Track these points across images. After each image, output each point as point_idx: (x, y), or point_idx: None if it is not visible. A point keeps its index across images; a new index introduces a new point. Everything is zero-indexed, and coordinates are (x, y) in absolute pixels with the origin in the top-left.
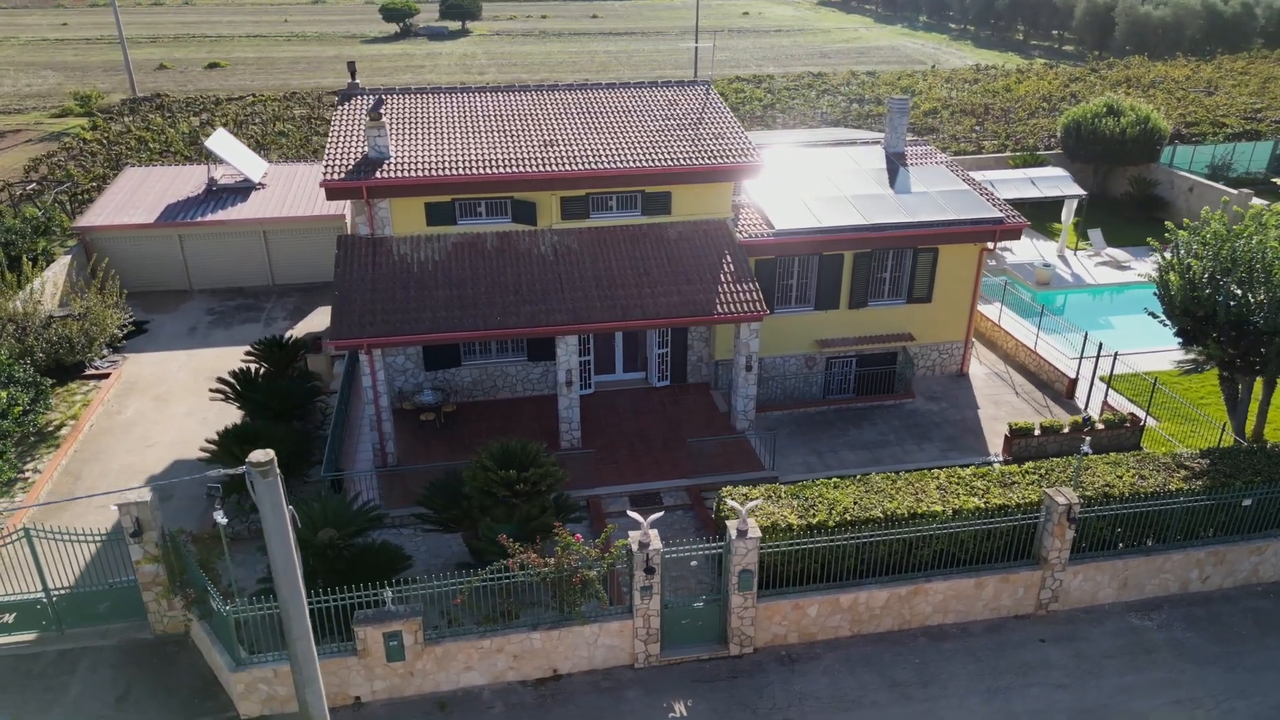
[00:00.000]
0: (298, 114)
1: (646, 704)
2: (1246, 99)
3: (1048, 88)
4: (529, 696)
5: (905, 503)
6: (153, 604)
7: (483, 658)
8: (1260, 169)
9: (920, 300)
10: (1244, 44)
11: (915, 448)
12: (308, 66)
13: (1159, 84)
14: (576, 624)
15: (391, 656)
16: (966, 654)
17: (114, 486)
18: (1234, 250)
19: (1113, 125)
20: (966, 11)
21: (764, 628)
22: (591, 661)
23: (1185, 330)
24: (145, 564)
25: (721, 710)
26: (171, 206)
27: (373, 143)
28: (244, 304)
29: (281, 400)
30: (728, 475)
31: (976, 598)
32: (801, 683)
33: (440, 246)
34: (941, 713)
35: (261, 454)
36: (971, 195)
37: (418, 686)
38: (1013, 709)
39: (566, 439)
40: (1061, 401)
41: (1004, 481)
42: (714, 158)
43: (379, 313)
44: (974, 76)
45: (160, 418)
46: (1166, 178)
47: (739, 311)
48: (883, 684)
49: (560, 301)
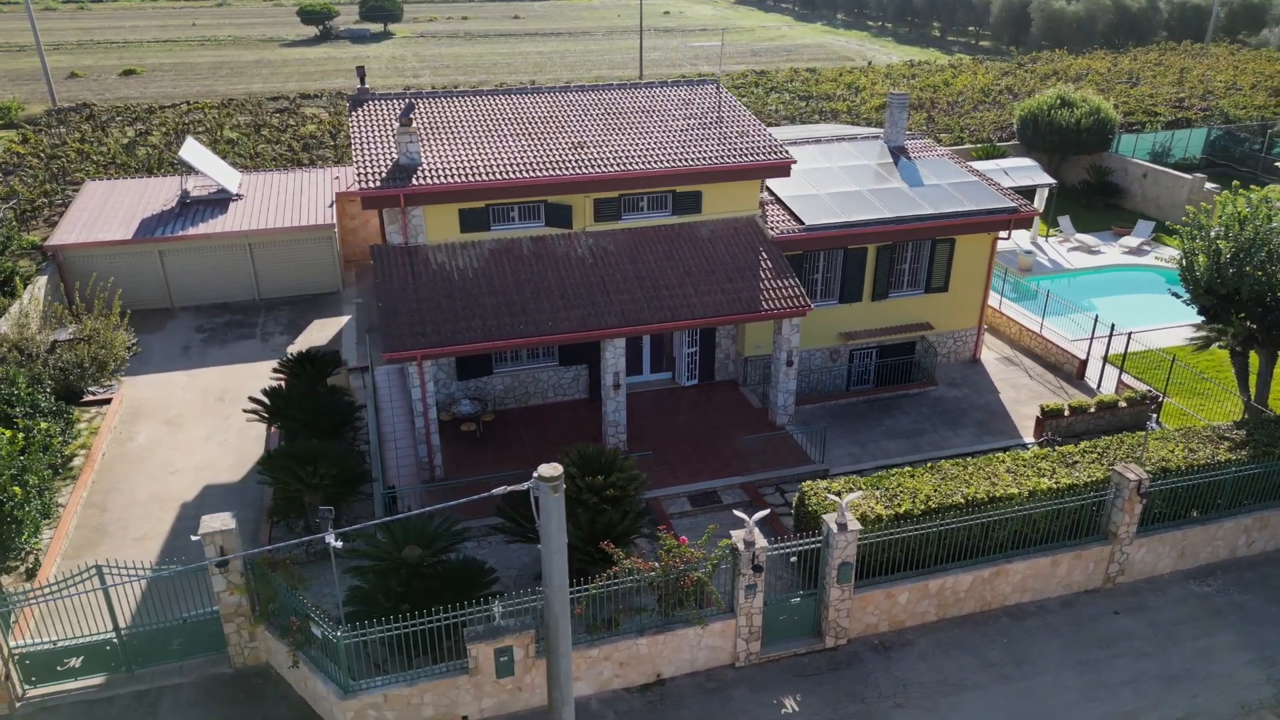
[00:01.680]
0: (241, 121)
1: (755, 701)
2: (1168, 89)
3: (983, 81)
4: (638, 703)
5: (982, 487)
6: (234, 636)
7: (590, 667)
8: (1195, 155)
9: (938, 290)
10: (1150, 36)
11: (950, 434)
12: (231, 72)
13: (1084, 76)
14: (680, 627)
15: (501, 673)
16: (1049, 630)
17: (144, 517)
18: (1256, 232)
19: (1067, 116)
20: (885, 9)
21: (857, 618)
22: (694, 664)
23: (1208, 308)
24: (229, 594)
25: (830, 703)
26: (147, 221)
27: (404, 149)
28: (233, 320)
29: (324, 417)
30: (780, 471)
31: (1051, 575)
32: (900, 669)
33: (477, 253)
34: (1040, 689)
35: (550, 468)
36: (981, 185)
37: (525, 701)
38: (1105, 680)
39: (613, 442)
40: (1073, 382)
41: (1066, 461)
42: (746, 156)
43: (428, 323)
44: (910, 72)
45: (177, 442)
46: (1120, 165)
47: (784, 307)
48: (978, 665)
49: (608, 304)
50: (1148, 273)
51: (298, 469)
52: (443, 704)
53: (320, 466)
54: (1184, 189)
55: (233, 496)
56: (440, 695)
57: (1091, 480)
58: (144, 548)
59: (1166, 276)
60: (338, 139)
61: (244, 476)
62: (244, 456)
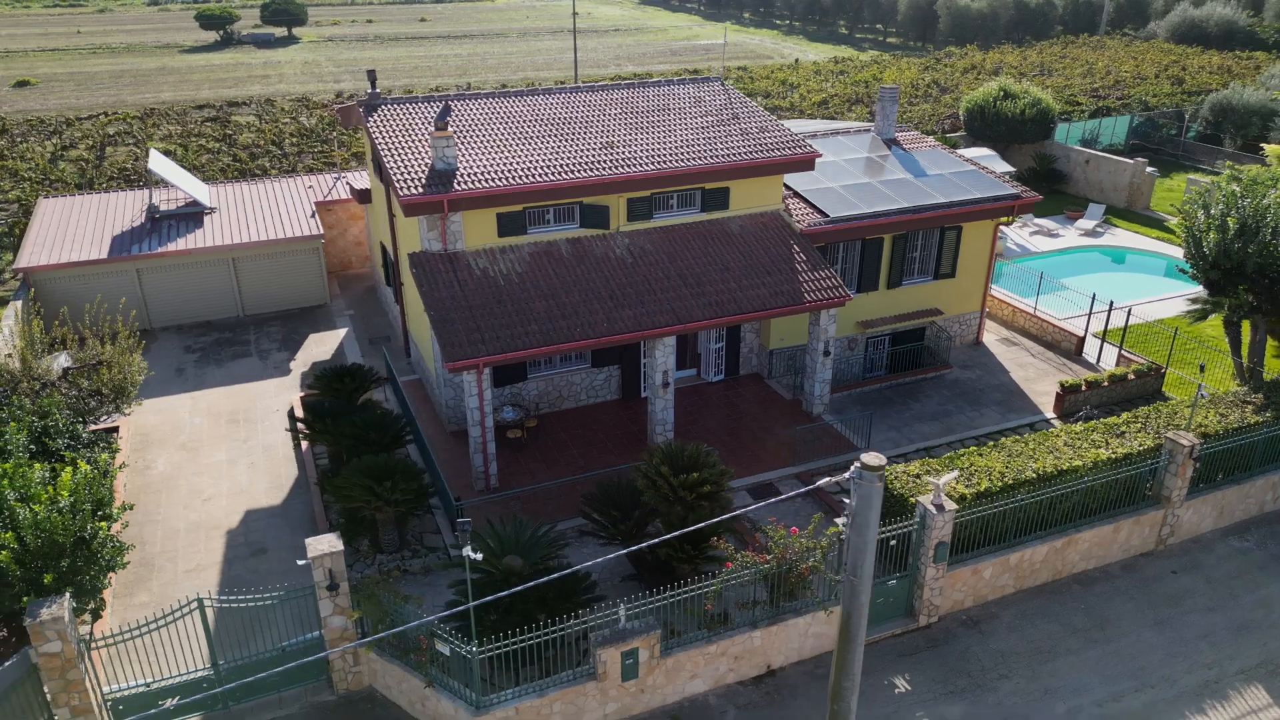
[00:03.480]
0: (172, 131)
1: (867, 684)
2: (1080, 80)
3: (910, 76)
4: (755, 696)
5: (1048, 461)
6: (338, 661)
7: (707, 663)
8: (1120, 141)
9: (946, 276)
10: (1047, 31)
11: (976, 414)
12: (135, 81)
13: (1000, 70)
14: (791, 617)
15: (626, 675)
16: (1119, 594)
17: (189, 547)
18: (1257, 209)
19: (1012, 108)
20: (793, 8)
21: (947, 596)
22: (801, 652)
23: (1213, 282)
24: (336, 617)
25: (939, 679)
26: (119, 239)
27: (441, 154)
28: (222, 338)
29: (377, 431)
30: (829, 459)
31: (1114, 541)
32: (995, 642)
33: (517, 257)
34: (1128, 649)
35: (874, 457)
36: (980, 174)
37: (646, 703)
38: (1183, 636)
39: (662, 440)
40: (1074, 358)
41: (1115, 432)
42: (774, 150)
43: (484, 330)
44: (838, 69)
45: (200, 468)
46: (1063, 153)
47: (824, 298)
48: (1065, 632)
49: (656, 303)
50: (1104, 254)
51: (375, 485)
52: (570, 712)
53: (398, 481)
54: (1126, 173)
55: (279, 520)
56: (568, 704)
57: (1144, 449)
58: (200, 579)
59: (1112, 255)
60: (283, 146)
61: (285, 498)
62: (278, 478)
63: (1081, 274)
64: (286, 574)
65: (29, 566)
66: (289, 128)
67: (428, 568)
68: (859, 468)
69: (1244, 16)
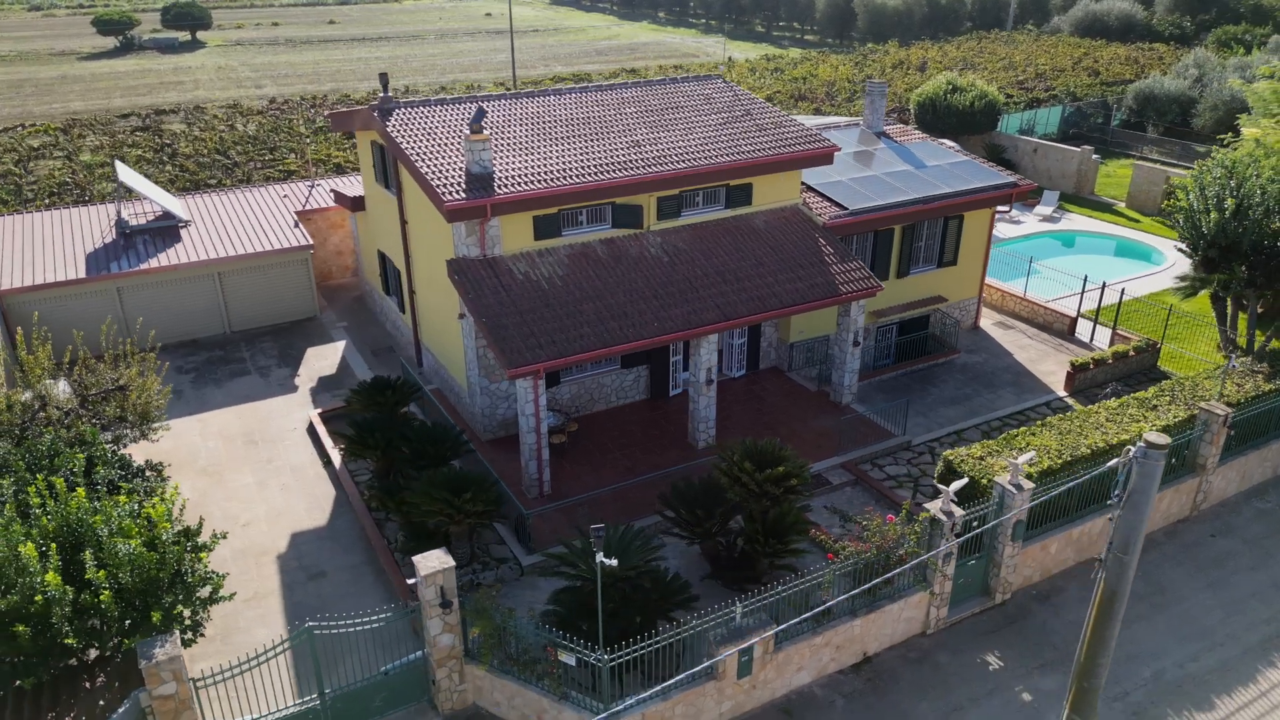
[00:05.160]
0: (100, 141)
1: (960, 663)
2: (1004, 74)
3: (844, 73)
4: (858, 683)
5: (1094, 437)
6: (445, 680)
7: (812, 655)
8: (1054, 130)
9: (949, 264)
10: (958, 27)
11: (994, 396)
12: (37, 90)
13: (925, 65)
14: (886, 603)
15: (741, 673)
16: (1167, 560)
17: (242, 574)
18: (1254, 188)
19: (961, 100)
20: (709, 6)
21: (1019, 573)
22: (892, 637)
23: (1210, 259)
24: (445, 635)
25: (1027, 653)
26: (93, 257)
27: (477, 157)
28: (214, 357)
29: (434, 444)
30: (870, 447)
31: (1158, 510)
32: (1068, 614)
33: (556, 260)
34: (1190, 612)
35: (1159, 436)
36: (975, 164)
37: (758, 699)
38: (1235, 596)
39: (704, 438)
40: (1068, 339)
41: (1148, 405)
42: (795, 145)
43: (538, 335)
44: (770, 66)
45: (229, 493)
46: (1010, 143)
47: (857, 289)
48: (1130, 599)
49: (701, 301)
50: (1062, 237)
51: (454, 497)
52: (690, 713)
53: (477, 492)
54: (1074, 160)
55: (328, 541)
56: (689, 705)
57: (1178, 420)
58: (262, 608)
59: (1062, 239)
60: (229, 155)
61: (329, 519)
62: (316, 498)
63: (1047, 258)
64: (350, 597)
65: (128, 605)
66: (230, 135)
67: (502, 579)
68: (1143, 445)
69: (1140, 10)
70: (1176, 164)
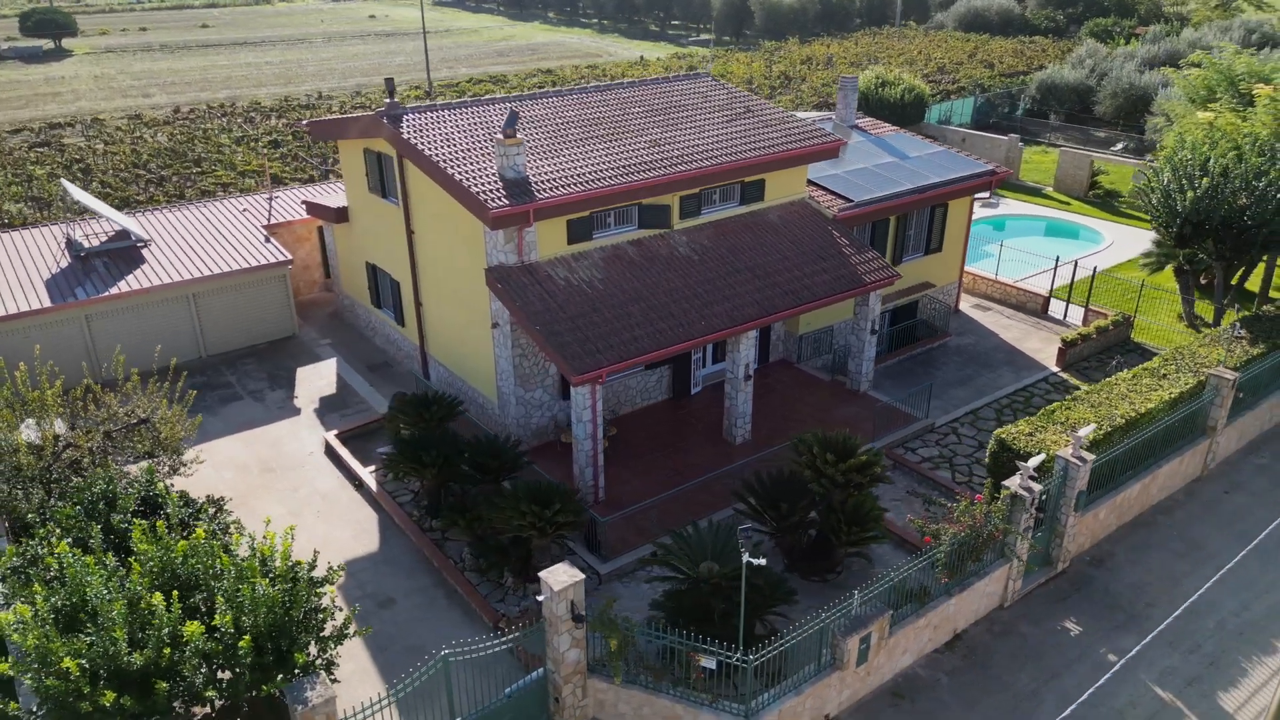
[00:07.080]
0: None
1: (1043, 631)
2: (907, 68)
3: (757, 69)
4: (956, 660)
5: (1122, 408)
6: (570, 697)
7: (915, 636)
8: (968, 120)
9: (935, 251)
10: (849, 23)
11: (994, 375)
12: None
13: (832, 60)
14: (975, 580)
15: (860, 660)
16: (1193, 518)
17: None
18: (1225, 165)
19: (892, 93)
20: (601, 6)
21: (1075, 541)
22: (976, 613)
23: (1184, 235)
24: (572, 651)
25: (1100, 616)
26: (53, 282)
27: (511, 161)
28: (197, 384)
29: (493, 459)
30: (900, 431)
31: (1177, 472)
32: (1126, 575)
33: (591, 263)
34: (1229, 563)
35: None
36: (952, 154)
37: (870, 684)
38: (1262, 546)
39: (741, 434)
40: (1042, 316)
41: (1159, 374)
42: (805, 141)
43: (594, 340)
44: (683, 65)
45: (261, 525)
46: (939, 133)
47: (878, 279)
48: (1173, 556)
49: (739, 297)
50: (994, 222)
51: (540, 510)
52: (816, 705)
53: (565, 504)
54: (1002, 148)
55: (385, 566)
56: (814, 698)
57: (1189, 387)
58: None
59: (994, 224)
60: (152, 168)
61: (380, 543)
62: (358, 523)
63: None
64: (426, 622)
65: (259, 650)
66: (143, 148)
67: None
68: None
69: (1015, 5)
70: (1082, 149)
